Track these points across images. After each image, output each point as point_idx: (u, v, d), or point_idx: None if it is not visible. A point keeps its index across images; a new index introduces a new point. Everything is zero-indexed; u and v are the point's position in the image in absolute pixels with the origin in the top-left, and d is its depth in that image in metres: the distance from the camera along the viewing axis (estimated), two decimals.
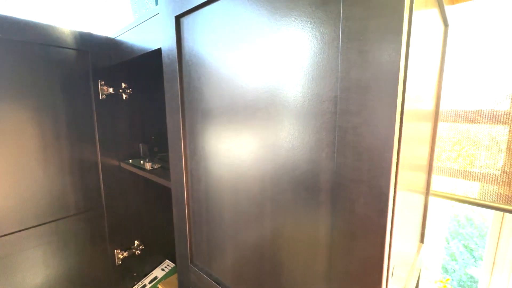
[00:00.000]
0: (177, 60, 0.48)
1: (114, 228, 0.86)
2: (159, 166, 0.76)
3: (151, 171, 0.71)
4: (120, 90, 0.81)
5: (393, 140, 0.25)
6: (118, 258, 0.87)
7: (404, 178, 0.32)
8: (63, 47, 0.70)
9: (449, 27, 0.54)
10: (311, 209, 0.33)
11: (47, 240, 0.73)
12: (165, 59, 0.51)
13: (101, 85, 0.77)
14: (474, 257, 1.71)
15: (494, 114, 0.63)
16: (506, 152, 0.63)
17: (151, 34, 0.59)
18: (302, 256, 0.36)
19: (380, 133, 0.26)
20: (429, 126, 0.54)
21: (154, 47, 0.58)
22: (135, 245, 0.91)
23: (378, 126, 0.26)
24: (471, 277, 1.56)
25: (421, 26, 0.32)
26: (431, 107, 0.53)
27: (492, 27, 0.60)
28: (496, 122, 0.63)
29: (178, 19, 0.47)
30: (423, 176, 0.55)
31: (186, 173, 0.52)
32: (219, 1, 0.39)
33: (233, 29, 0.38)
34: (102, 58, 0.77)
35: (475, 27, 0.62)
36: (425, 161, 0.56)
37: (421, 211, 0.59)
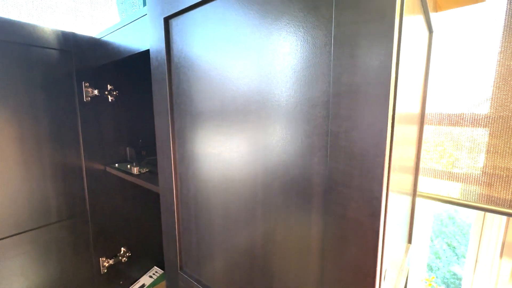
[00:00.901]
0: (165, 62, 0.47)
1: (99, 235, 0.83)
2: (146, 170, 0.74)
3: (139, 176, 0.69)
4: (106, 92, 0.78)
5: (385, 145, 0.25)
6: (104, 266, 0.84)
7: (394, 181, 0.32)
8: (45, 47, 0.67)
9: (434, 34, 0.56)
10: (302, 214, 0.33)
11: (26, 249, 0.69)
12: (153, 61, 0.49)
13: (85, 86, 0.74)
14: (456, 254, 1.77)
15: (475, 117, 0.66)
16: (487, 153, 0.66)
17: (139, 35, 0.57)
18: (293, 262, 0.36)
19: (372, 138, 0.26)
20: (415, 128, 0.55)
21: (142, 48, 0.56)
22: (122, 252, 0.88)
23: (370, 131, 0.26)
24: (454, 274, 1.62)
25: (409, 31, 0.32)
26: (417, 110, 0.54)
27: (473, 34, 0.63)
28: (477, 125, 0.66)
29: (167, 20, 0.46)
30: (410, 178, 0.56)
31: (176, 178, 0.51)
32: (209, 4, 0.39)
33: (224, 32, 0.38)
34: (86, 59, 0.74)
35: (458, 33, 0.64)
36: (412, 163, 0.57)
37: (409, 212, 0.60)
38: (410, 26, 0.33)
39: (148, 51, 0.56)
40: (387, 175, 0.27)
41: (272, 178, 0.36)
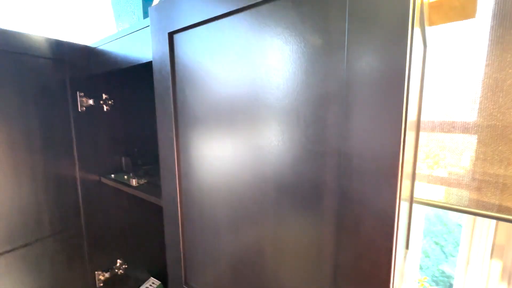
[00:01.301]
0: (170, 76, 0.46)
1: (94, 248, 0.80)
2: (145, 181, 0.73)
3: (138, 188, 0.67)
4: (101, 102, 0.76)
5: (398, 166, 0.26)
6: (99, 279, 0.82)
7: (402, 193, 0.33)
8: (38, 56, 0.65)
9: (427, 48, 0.58)
10: (315, 230, 0.34)
11: (18, 266, 0.66)
12: (156, 75, 0.49)
13: (80, 96, 0.72)
14: (444, 253, 1.83)
15: (466, 125, 0.69)
16: (476, 160, 0.69)
17: (139, 47, 0.57)
18: (305, 276, 0.36)
19: (385, 158, 0.27)
20: (413, 135, 0.58)
21: (143, 60, 0.56)
22: (118, 264, 0.86)
23: (384, 151, 0.27)
24: (443, 272, 1.67)
25: (414, 47, 0.34)
26: (414, 118, 0.56)
27: (464, 47, 0.66)
28: (468, 133, 0.69)
29: (171, 35, 0.45)
30: (408, 184, 0.58)
31: (180, 191, 0.50)
32: (218, 21, 0.39)
33: (232, 49, 0.38)
34: (81, 68, 0.72)
35: (449, 46, 0.68)
36: (410, 170, 0.59)
37: (407, 219, 0.63)
38: (415, 42, 0.35)
39: (147, 62, 0.55)
40: (399, 194, 0.28)
41: (282, 195, 0.36)
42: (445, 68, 0.69)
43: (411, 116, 0.39)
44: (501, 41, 0.63)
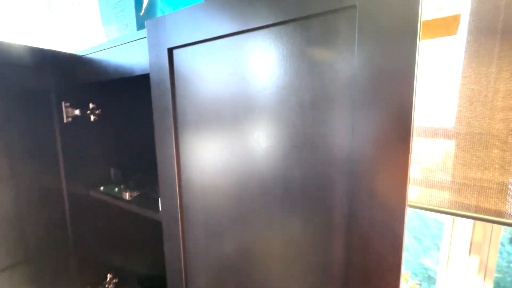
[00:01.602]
0: (170, 92, 0.46)
1: (83, 264, 0.77)
2: (137, 193, 0.70)
3: (132, 202, 0.65)
4: (88, 112, 0.73)
5: (406, 187, 0.28)
6: None
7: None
8: (19, 65, 0.61)
9: None
10: (324, 247, 0.35)
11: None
12: (154, 90, 0.48)
13: (65, 107, 0.68)
14: (422, 246, 1.94)
15: (447, 132, 0.74)
16: (456, 165, 0.75)
17: (133, 59, 0.55)
18: None
19: (395, 181, 0.29)
20: None
21: (137, 72, 0.54)
22: (108, 279, 0.83)
23: (393, 175, 0.29)
24: (421, 264, 1.77)
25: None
26: None
27: (446, 60, 0.71)
28: (449, 138, 0.74)
29: (171, 50, 0.45)
30: None
31: (181, 207, 0.50)
32: (224, 39, 0.39)
33: (239, 68, 0.38)
34: (66, 77, 0.68)
35: (431, 59, 0.72)
36: None
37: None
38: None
39: (141, 74, 0.54)
40: (405, 211, 0.30)
41: (292, 211, 0.37)
42: (429, 79, 0.74)
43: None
44: (477, 55, 0.68)
